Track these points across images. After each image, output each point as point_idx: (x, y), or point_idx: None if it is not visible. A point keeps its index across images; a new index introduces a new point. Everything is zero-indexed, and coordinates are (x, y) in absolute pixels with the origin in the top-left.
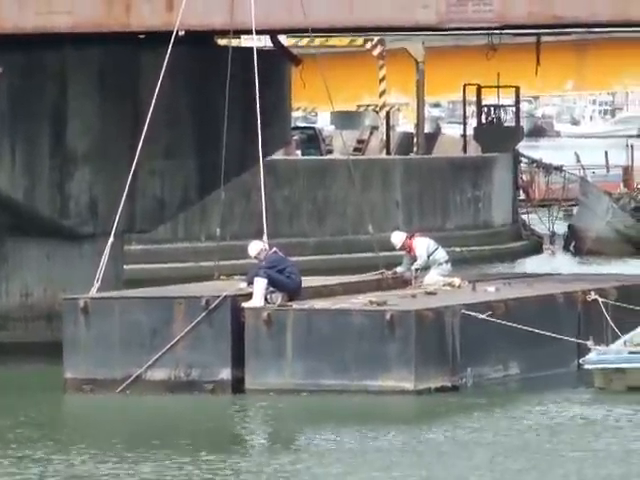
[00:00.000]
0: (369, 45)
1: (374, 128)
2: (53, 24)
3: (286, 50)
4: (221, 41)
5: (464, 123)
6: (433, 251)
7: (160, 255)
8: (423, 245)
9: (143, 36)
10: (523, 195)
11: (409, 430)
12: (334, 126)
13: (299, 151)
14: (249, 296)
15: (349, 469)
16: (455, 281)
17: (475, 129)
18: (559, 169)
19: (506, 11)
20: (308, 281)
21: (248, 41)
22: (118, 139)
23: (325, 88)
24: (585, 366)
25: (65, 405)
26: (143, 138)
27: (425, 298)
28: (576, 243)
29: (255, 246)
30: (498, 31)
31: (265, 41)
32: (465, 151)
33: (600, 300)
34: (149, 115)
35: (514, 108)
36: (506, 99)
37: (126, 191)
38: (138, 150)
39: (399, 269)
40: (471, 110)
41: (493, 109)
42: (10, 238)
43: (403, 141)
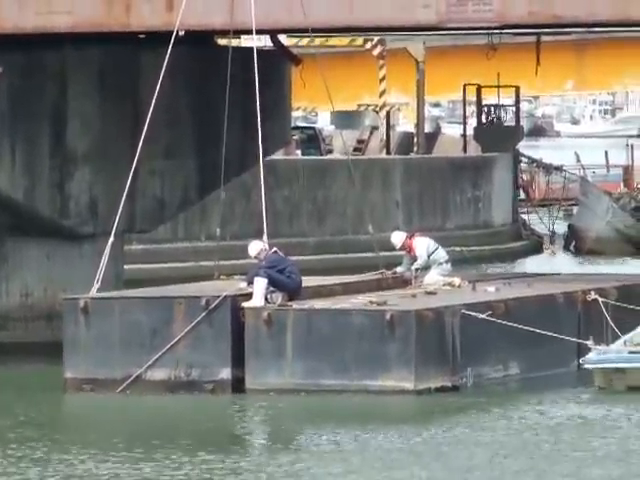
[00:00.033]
0: (369, 45)
1: (374, 128)
2: (53, 24)
3: (286, 50)
4: (221, 41)
5: (464, 123)
6: (433, 251)
7: (160, 255)
8: (423, 245)
9: (143, 36)
10: (523, 195)
11: (409, 430)
12: (334, 126)
13: (299, 151)
14: (249, 296)
15: (349, 469)
16: (455, 281)
17: (475, 129)
18: (559, 169)
19: (506, 11)
20: (308, 281)
21: (248, 41)
22: (118, 139)
23: (325, 88)
24: (585, 366)
25: (65, 405)
26: (143, 138)
27: (425, 298)
28: (576, 243)
29: (255, 246)
30: (498, 31)
31: (265, 41)
32: (465, 151)
33: (600, 300)
34: (149, 115)
35: (514, 108)
36: (506, 99)
37: (126, 191)
38: (138, 150)
39: (399, 269)
40: (471, 110)
41: (493, 109)
42: (10, 238)
43: (403, 141)
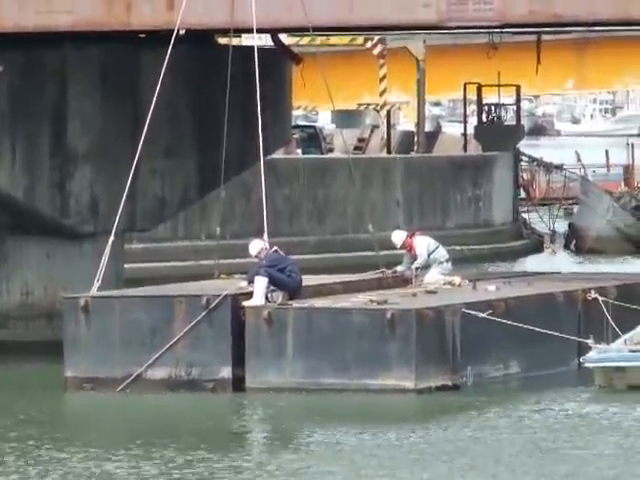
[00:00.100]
0: (369, 44)
1: (375, 127)
2: (53, 23)
3: (287, 49)
4: (222, 40)
5: (465, 122)
6: (433, 250)
7: (160, 254)
8: (423, 244)
9: (144, 35)
10: (524, 194)
11: (409, 429)
12: (335, 125)
13: (299, 150)
14: (249, 295)
15: (349, 468)
16: (455, 280)
17: (476, 128)
18: (560, 168)
19: (506, 10)
20: (308, 280)
21: (249, 40)
22: (118, 138)
23: (326, 87)
24: (585, 365)
25: (65, 404)
26: (143, 137)
27: (425, 297)
28: (577, 242)
29: (256, 245)
30: (498, 30)
31: (266, 40)
32: (466, 150)
33: (600, 299)
34: (149, 114)
35: (515, 107)
36: (507, 98)
37: (126, 190)
38: (138, 149)
39: (399, 268)
40: (472, 109)
41: (494, 108)
42: (11, 237)
43: (404, 140)
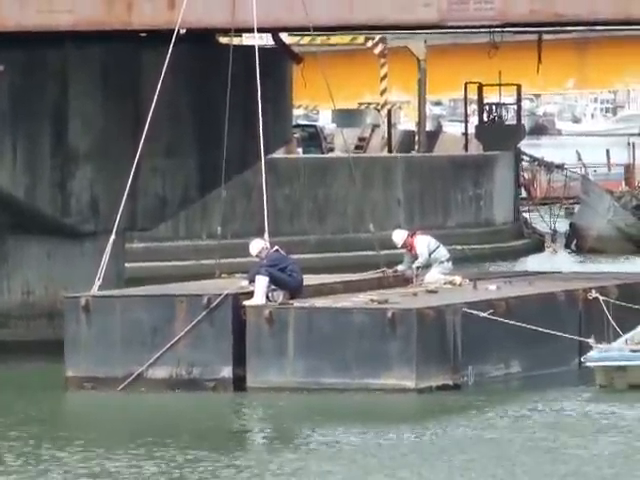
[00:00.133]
0: (370, 43)
1: (375, 126)
2: (54, 22)
3: (287, 48)
4: (222, 39)
5: (465, 121)
6: (434, 249)
7: (161, 253)
8: (424, 243)
9: (144, 34)
10: (525, 193)
11: (410, 428)
12: (335, 124)
13: (300, 149)
14: (250, 294)
15: (350, 467)
16: (456, 279)
17: (476, 127)
18: (560, 167)
19: (507, 9)
20: (309, 279)
21: (249, 39)
22: (119, 137)
23: (326, 86)
24: (587, 364)
25: (66, 403)
26: (144, 136)
27: (426, 296)
28: (577, 241)
29: (256, 244)
30: (499, 29)
31: (266, 39)
32: (466, 149)
33: (601, 298)
34: (150, 113)
35: (515, 106)
36: (507, 97)
37: (127, 189)
38: (139, 148)
39: (400, 267)
40: (472, 108)
41: (494, 107)
42: (11, 236)
43: (404, 139)
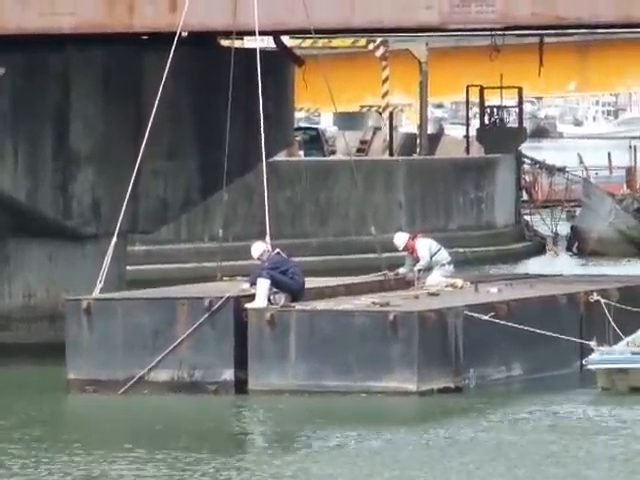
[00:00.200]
0: (372, 46)
1: (377, 129)
2: (56, 25)
3: (289, 51)
4: (224, 42)
5: (467, 124)
6: (436, 252)
7: (163, 256)
8: (425, 246)
9: (146, 37)
10: (526, 196)
11: (411, 431)
12: (337, 127)
13: (302, 152)
14: (252, 297)
15: (352, 470)
16: (458, 282)
17: (478, 130)
18: (562, 170)
19: (509, 12)
20: (311, 282)
21: (251, 42)
22: (121, 140)
23: (328, 89)
24: (588, 367)
25: (67, 406)
26: (146, 139)
27: (428, 299)
28: (579, 244)
29: (258, 247)
30: (501, 32)
31: (268, 42)
32: (468, 152)
33: (602, 301)
34: (152, 116)
35: (517, 109)
36: (509, 100)
37: (129, 192)
38: (141, 151)
39: (401, 270)
40: (474, 111)
41: (496, 110)
42: (13, 239)
43: (406, 142)
